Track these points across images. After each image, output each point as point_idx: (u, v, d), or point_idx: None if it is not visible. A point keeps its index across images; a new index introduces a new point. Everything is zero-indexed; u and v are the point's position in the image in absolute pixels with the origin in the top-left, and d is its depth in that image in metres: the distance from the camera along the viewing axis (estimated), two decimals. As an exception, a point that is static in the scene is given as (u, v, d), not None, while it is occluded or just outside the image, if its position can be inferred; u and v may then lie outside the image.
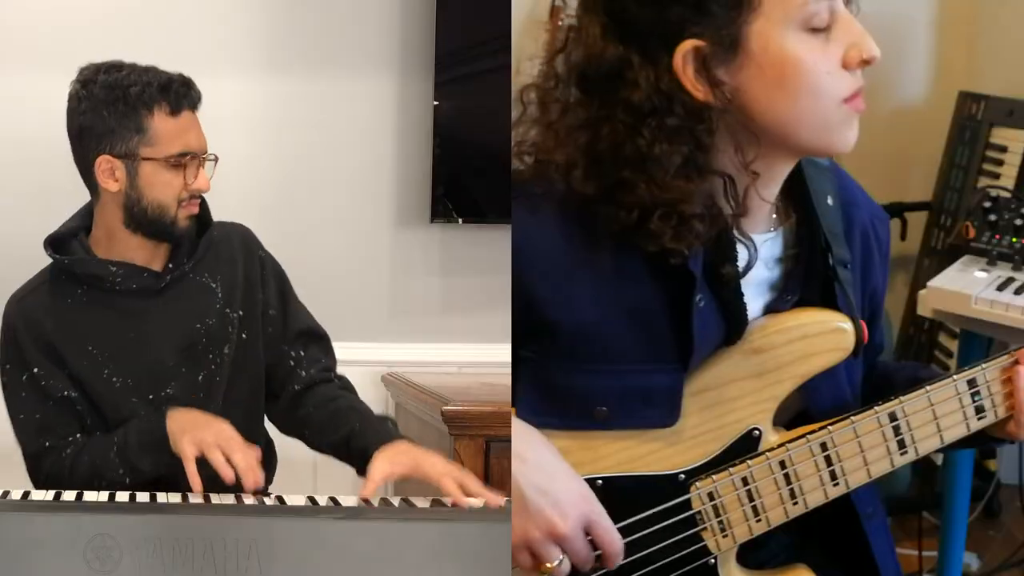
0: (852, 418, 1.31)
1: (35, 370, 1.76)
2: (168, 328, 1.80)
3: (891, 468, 1.33)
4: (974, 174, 2.71)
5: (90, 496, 1.62)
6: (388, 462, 1.66)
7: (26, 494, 1.55)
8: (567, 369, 1.27)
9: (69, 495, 1.60)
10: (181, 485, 1.64)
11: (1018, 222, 2.17)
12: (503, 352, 1.33)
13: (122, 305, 1.79)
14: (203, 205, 1.84)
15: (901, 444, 1.32)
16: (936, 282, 2.12)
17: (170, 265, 1.81)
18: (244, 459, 1.63)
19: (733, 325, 1.29)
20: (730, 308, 1.29)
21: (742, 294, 1.29)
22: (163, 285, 1.80)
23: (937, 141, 2.86)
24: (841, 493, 1.32)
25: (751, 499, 1.30)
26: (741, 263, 1.28)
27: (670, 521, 1.30)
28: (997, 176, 2.64)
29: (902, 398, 1.31)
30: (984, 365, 1.34)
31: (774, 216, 1.34)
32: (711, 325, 1.28)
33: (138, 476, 1.71)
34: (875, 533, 1.45)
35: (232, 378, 1.82)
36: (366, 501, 1.65)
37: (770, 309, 1.33)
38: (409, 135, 1.83)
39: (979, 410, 1.33)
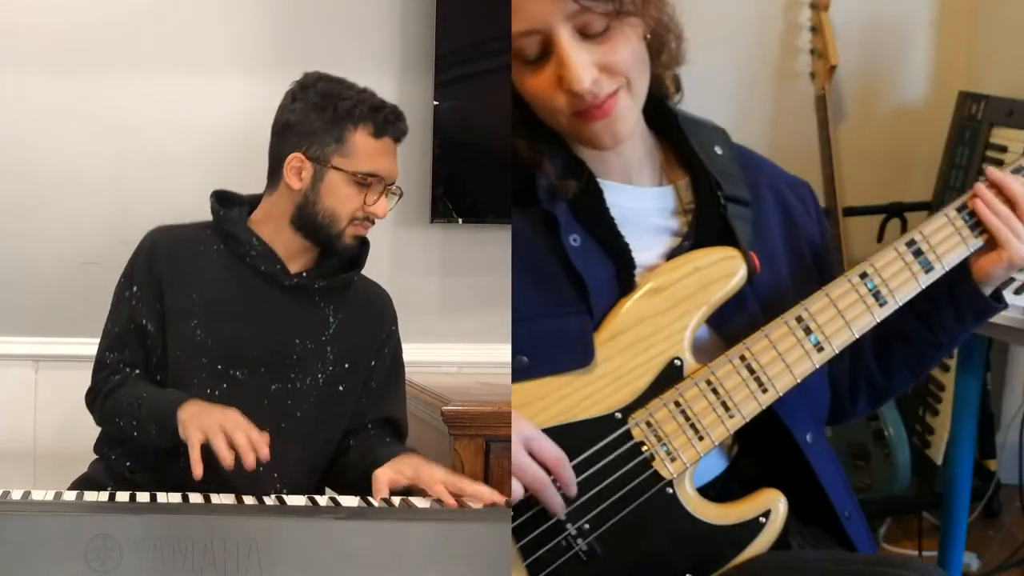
0: (763, 329, 1.42)
1: (135, 289, 1.85)
2: (271, 323, 1.85)
3: (813, 366, 1.42)
4: (974, 174, 2.71)
5: (90, 496, 1.63)
6: (392, 470, 1.71)
7: (26, 494, 1.56)
8: None
9: (70, 495, 1.60)
10: (183, 471, 1.67)
11: (1018, 222, 2.17)
12: (503, 352, 1.37)
13: (243, 277, 1.85)
14: (364, 244, 1.90)
15: (816, 343, 1.42)
16: (936, 282, 2.12)
17: (303, 273, 1.86)
18: (244, 439, 1.64)
19: (621, 264, 1.42)
20: (611, 247, 1.42)
21: (618, 232, 1.42)
22: (287, 284, 1.85)
23: (937, 141, 2.86)
24: (772, 400, 1.41)
25: (688, 420, 1.39)
26: (623, 212, 1.44)
27: (617, 453, 1.37)
28: (997, 176, 2.64)
29: (803, 302, 1.43)
30: (920, 226, 1.48)
31: (661, 173, 1.52)
32: (597, 266, 1.41)
33: (147, 439, 1.77)
34: (858, 537, 1.48)
35: (309, 413, 1.85)
36: (367, 501, 1.65)
37: (670, 256, 1.46)
38: (409, 135, 1.84)
39: (877, 296, 1.45)
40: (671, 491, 1.39)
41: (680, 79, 1.51)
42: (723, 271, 1.43)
